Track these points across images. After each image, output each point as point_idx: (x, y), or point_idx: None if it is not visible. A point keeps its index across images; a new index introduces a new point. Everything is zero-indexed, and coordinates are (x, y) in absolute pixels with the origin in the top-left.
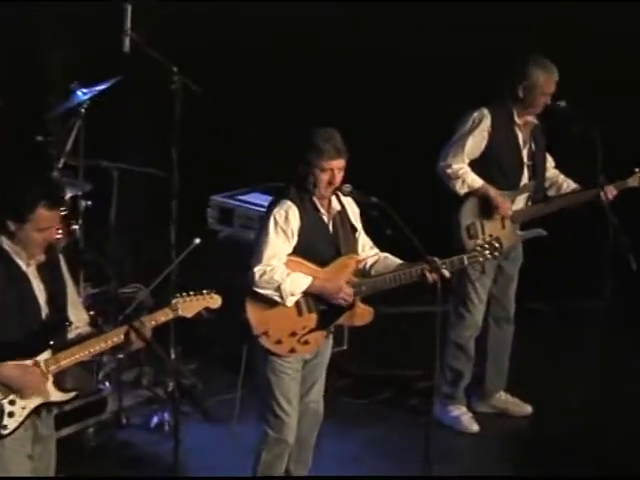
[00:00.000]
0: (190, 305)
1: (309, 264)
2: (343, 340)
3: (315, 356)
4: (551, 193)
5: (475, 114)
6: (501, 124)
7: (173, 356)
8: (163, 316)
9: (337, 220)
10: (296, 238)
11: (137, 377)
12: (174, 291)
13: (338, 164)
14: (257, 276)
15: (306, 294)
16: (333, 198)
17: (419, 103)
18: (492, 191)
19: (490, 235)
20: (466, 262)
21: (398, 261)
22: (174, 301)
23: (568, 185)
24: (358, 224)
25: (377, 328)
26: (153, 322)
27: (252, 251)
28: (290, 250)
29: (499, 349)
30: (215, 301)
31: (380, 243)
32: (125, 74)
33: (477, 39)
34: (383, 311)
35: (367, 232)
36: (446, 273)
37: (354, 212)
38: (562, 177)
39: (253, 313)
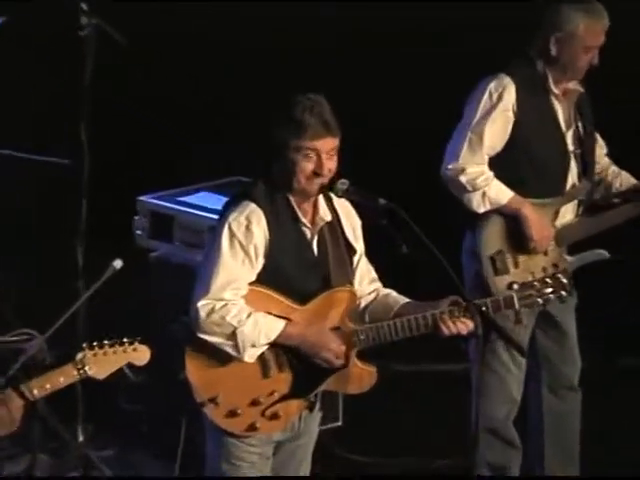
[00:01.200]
0: (104, 361)
1: (282, 299)
2: (337, 413)
3: (294, 437)
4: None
5: (492, 85)
6: (531, 96)
7: (81, 438)
8: (64, 377)
9: (326, 234)
10: (262, 259)
11: (28, 468)
12: (81, 340)
13: (327, 144)
14: (202, 315)
15: (276, 345)
16: (321, 201)
17: (421, 100)
18: (526, 210)
19: (554, 268)
20: (517, 304)
21: (403, 300)
22: (80, 355)
23: (622, 181)
24: (358, 243)
25: (383, 396)
26: (48, 386)
27: (196, 278)
28: (253, 277)
29: (561, 426)
30: (141, 355)
31: (384, 270)
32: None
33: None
34: (391, 370)
35: (371, 255)
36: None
37: (353, 223)
38: (614, 169)
39: (195, 371)
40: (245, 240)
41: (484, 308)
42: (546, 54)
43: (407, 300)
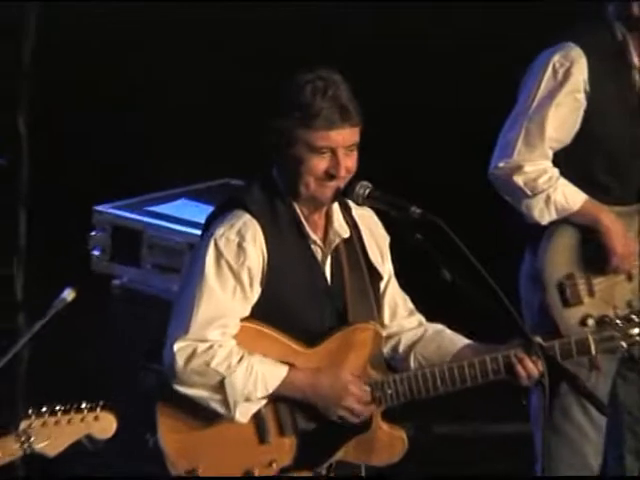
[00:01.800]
0: (56, 433)
1: (284, 339)
2: None
3: None
4: None
5: (555, 58)
6: (608, 72)
7: None
8: (1, 452)
9: (342, 254)
10: (258, 288)
11: None
12: (23, 402)
13: (345, 137)
14: (180, 361)
15: (276, 400)
16: (336, 211)
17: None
18: (606, 218)
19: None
20: (593, 349)
21: (463, 341)
22: (25, 424)
23: None
24: (385, 265)
25: (419, 467)
26: None
27: (172, 312)
28: (246, 310)
29: None
30: (105, 425)
31: (417, 302)
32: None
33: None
34: (431, 433)
35: (400, 282)
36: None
37: (378, 240)
38: None
39: (170, 434)
40: (236, 262)
41: (550, 353)
42: (627, 14)
43: (467, 341)
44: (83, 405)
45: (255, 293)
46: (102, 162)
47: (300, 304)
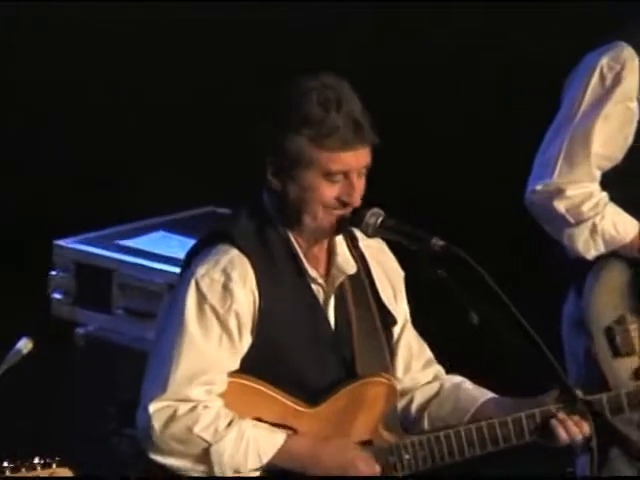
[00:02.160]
0: None
1: (281, 397)
2: None
3: None
4: None
5: (604, 60)
6: None
7: None
8: None
9: (348, 295)
10: (248, 336)
11: None
12: None
13: (360, 158)
14: (157, 426)
15: (272, 470)
16: (339, 241)
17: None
18: None
19: None
20: None
21: (485, 395)
22: None
23: None
24: (400, 306)
25: None
26: None
27: (147, 367)
28: (235, 364)
29: None
30: None
31: (438, 350)
32: None
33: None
34: None
35: (418, 326)
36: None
37: (391, 276)
38: None
39: None
40: (222, 307)
41: (598, 408)
42: None
43: (490, 395)
44: (36, 460)
45: (245, 343)
46: (64, 187)
47: (299, 355)
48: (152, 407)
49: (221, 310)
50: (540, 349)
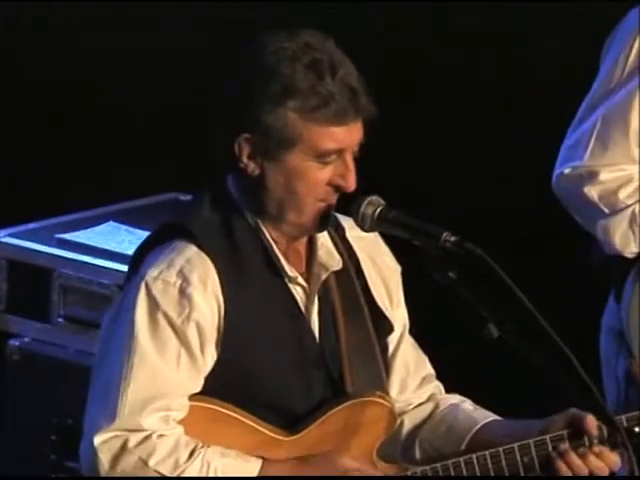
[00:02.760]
0: None
1: (254, 424)
2: None
3: None
4: None
5: None
6: None
7: None
8: None
9: (334, 295)
10: (213, 351)
11: None
12: None
13: (355, 134)
14: (104, 459)
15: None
16: (325, 238)
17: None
18: None
19: None
20: None
21: (486, 417)
22: None
23: None
24: (397, 310)
25: None
26: None
27: (91, 389)
28: (197, 384)
29: None
30: None
31: (446, 365)
32: None
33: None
34: None
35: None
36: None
37: (385, 273)
38: None
39: None
40: (179, 316)
41: (638, 430)
42: None
43: (493, 417)
44: None
45: (209, 359)
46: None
47: (275, 372)
48: (98, 439)
49: (178, 320)
50: (573, 366)
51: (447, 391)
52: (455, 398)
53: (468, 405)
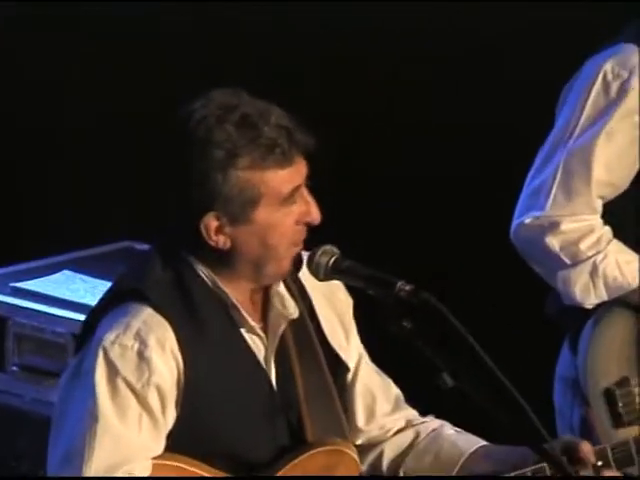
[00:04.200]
0: None
1: (217, 477)
2: None
3: None
4: None
5: (607, 67)
6: None
7: None
8: None
9: (289, 345)
10: (173, 411)
11: None
12: None
13: (301, 168)
14: None
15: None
16: (278, 284)
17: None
18: None
19: None
20: None
21: (471, 443)
22: None
23: None
24: (349, 344)
25: None
26: None
27: (50, 449)
28: (160, 445)
29: None
30: None
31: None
32: None
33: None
34: None
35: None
36: None
37: (338, 309)
38: None
39: None
40: (138, 380)
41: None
42: None
43: (479, 444)
44: None
45: (169, 419)
46: None
47: (236, 425)
48: None
49: (138, 384)
50: (528, 417)
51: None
52: (434, 422)
53: (450, 430)
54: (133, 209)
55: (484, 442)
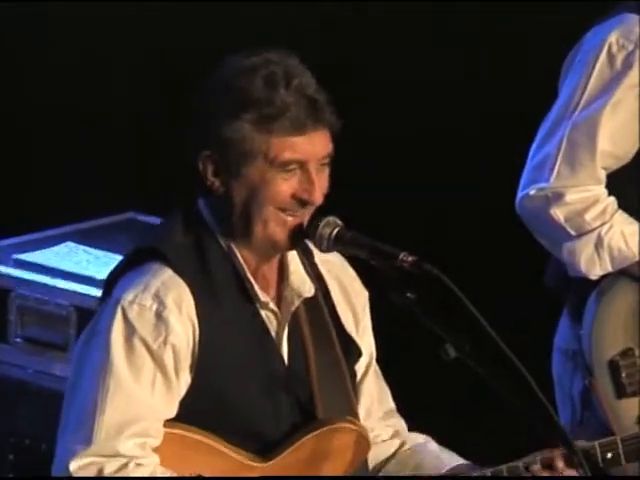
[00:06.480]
0: None
1: (226, 450)
2: None
3: None
4: None
5: (612, 38)
6: None
7: None
8: None
9: (303, 323)
10: (187, 375)
11: None
12: None
13: (318, 145)
14: None
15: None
16: (293, 256)
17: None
18: None
19: None
20: None
21: (454, 459)
22: None
23: None
24: (364, 337)
25: None
26: None
27: (62, 415)
28: (172, 410)
29: None
30: None
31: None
32: None
33: None
34: None
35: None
36: None
37: (352, 298)
38: None
39: None
40: (155, 340)
41: (599, 456)
42: None
43: (460, 461)
44: None
45: (183, 384)
46: None
47: (248, 398)
48: (74, 465)
49: (155, 344)
50: (530, 389)
51: (408, 421)
52: (420, 438)
53: (434, 446)
54: (136, 180)
55: (465, 460)
